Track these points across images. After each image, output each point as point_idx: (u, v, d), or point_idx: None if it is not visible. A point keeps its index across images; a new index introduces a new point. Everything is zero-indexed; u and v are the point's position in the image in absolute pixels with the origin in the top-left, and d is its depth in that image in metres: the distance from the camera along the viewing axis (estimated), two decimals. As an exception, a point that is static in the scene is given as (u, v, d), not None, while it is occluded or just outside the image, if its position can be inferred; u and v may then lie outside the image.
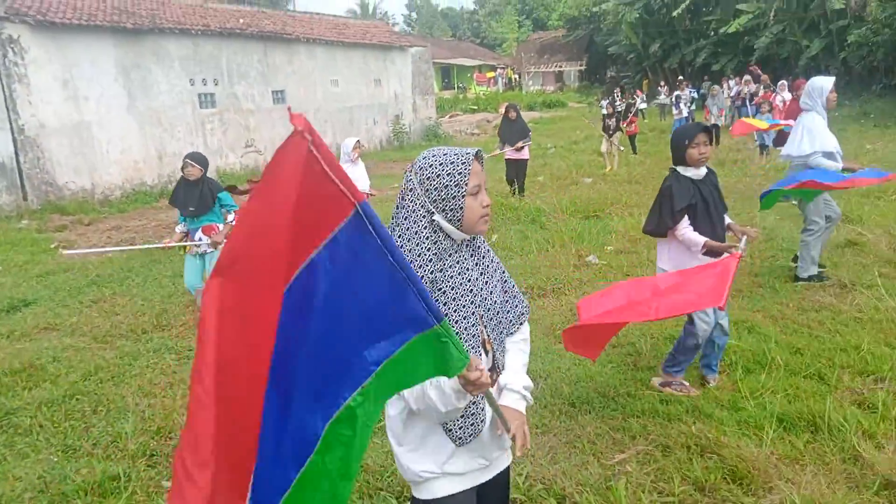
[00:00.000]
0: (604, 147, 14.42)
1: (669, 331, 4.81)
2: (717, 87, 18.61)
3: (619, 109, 15.45)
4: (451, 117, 34.19)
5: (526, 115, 33.54)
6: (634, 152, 15.97)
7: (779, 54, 28.34)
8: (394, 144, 25.18)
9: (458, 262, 1.80)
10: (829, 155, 5.51)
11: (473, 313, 1.80)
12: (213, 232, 5.91)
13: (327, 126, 22.42)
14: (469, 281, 1.81)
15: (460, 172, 1.74)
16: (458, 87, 48.46)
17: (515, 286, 2.03)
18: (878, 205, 8.26)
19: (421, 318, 1.42)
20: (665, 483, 3.01)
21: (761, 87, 19.92)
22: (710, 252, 3.61)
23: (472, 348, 1.79)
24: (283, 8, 33.73)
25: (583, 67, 49.14)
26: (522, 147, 10.68)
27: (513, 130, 10.76)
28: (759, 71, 22.61)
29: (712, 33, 31.77)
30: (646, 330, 4.98)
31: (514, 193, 10.86)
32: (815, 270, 5.78)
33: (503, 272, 1.99)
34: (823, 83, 5.63)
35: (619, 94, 29.26)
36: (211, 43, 18.05)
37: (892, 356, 4.05)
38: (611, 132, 14.05)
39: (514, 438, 1.80)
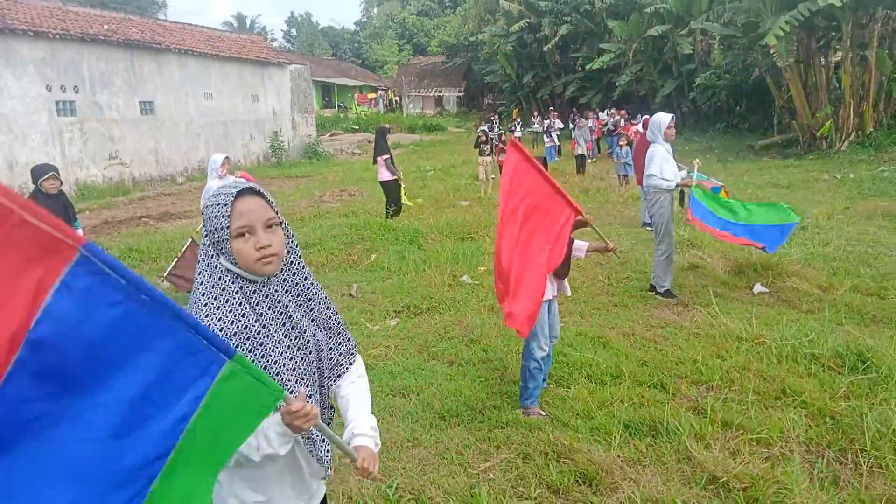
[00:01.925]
0: (480, 173, 14.99)
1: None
2: (582, 119, 19.89)
3: (493, 136, 16.12)
4: (331, 136, 34.03)
5: (406, 138, 34.01)
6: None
7: (637, 91, 30.76)
8: (272, 161, 24.70)
9: (265, 298, 1.70)
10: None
11: (290, 356, 1.73)
12: None
13: (200, 140, 21.63)
14: (280, 323, 1.72)
15: (221, 214, 1.61)
16: (339, 107, 48.32)
17: (342, 324, 1.93)
18: (717, 232, 9.21)
19: (209, 361, 1.28)
20: (524, 488, 3.25)
21: (621, 119, 21.61)
22: None
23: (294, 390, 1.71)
24: (152, 16, 32.21)
25: (461, 94, 50.69)
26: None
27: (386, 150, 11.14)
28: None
29: (579, 69, 33.95)
30: (513, 346, 5.28)
31: (392, 215, 11.08)
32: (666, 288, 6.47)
33: (328, 309, 1.88)
34: (662, 119, 6.40)
35: (497, 121, 30.53)
36: (71, 48, 16.97)
37: (721, 367, 4.57)
38: (485, 156, 14.67)
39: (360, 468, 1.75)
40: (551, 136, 22.17)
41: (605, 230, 9.64)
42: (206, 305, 1.62)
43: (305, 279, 1.82)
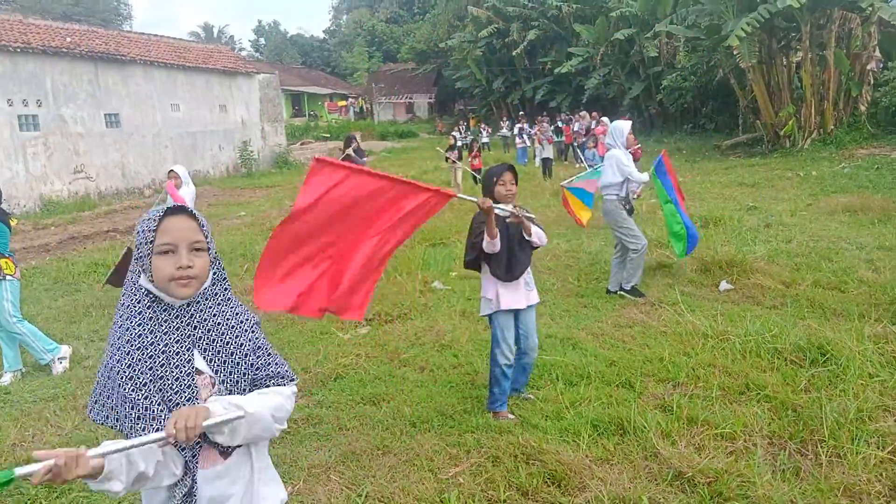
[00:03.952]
0: (452, 179, 15.05)
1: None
2: (545, 124, 20.15)
3: (465, 142, 16.22)
4: (302, 144, 33.86)
5: (378, 145, 33.89)
6: (476, 183, 16.64)
7: (606, 94, 31.11)
8: (241, 171, 24.49)
9: (175, 329, 1.69)
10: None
11: (189, 385, 1.67)
12: None
13: (168, 152, 21.38)
14: (187, 349, 1.69)
15: (147, 229, 1.65)
16: (310, 115, 48.13)
17: (271, 350, 1.84)
18: (685, 231, 9.35)
19: None
20: (493, 491, 3.26)
21: (592, 122, 21.85)
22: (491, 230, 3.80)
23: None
24: (116, 28, 31.80)
25: (432, 100, 50.80)
26: None
27: (361, 158, 11.26)
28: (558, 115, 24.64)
29: (549, 73, 34.27)
30: (484, 351, 5.30)
31: None
32: (633, 285, 6.55)
33: (253, 333, 1.81)
34: (623, 126, 6.59)
35: (465, 126, 30.67)
36: (32, 61, 16.68)
37: (687, 364, 4.64)
38: (453, 162, 14.74)
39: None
40: (523, 138, 22.36)
41: (575, 231, 9.73)
42: (120, 326, 1.66)
43: (221, 305, 1.79)
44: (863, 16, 17.05)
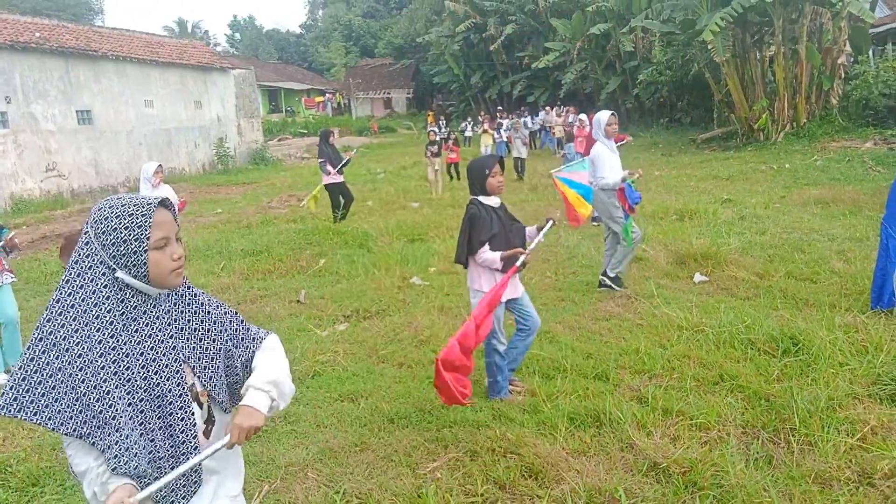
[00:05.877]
0: (430, 174, 15.00)
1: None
2: (519, 121, 20.17)
3: (441, 137, 16.18)
4: (279, 141, 33.62)
5: (356, 141, 33.75)
6: (458, 178, 16.59)
7: (583, 89, 31.28)
8: (218, 168, 24.24)
9: (156, 318, 1.69)
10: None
11: (178, 371, 1.70)
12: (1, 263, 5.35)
13: (142, 149, 21.08)
14: (171, 337, 1.71)
15: (140, 226, 1.60)
16: (287, 111, 47.74)
17: (247, 324, 1.95)
18: (661, 224, 9.45)
19: None
20: (471, 485, 3.27)
21: (570, 117, 21.91)
22: (507, 261, 4.04)
23: (182, 407, 1.69)
24: (88, 22, 31.24)
25: (410, 95, 50.66)
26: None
27: (336, 152, 11.21)
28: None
29: (526, 68, 34.34)
30: (461, 346, 5.31)
31: (339, 218, 11.07)
32: (618, 273, 6.53)
33: (228, 313, 1.91)
34: (601, 117, 6.50)
35: (445, 122, 30.72)
36: (1, 57, 16.32)
37: (663, 356, 4.69)
38: (432, 157, 14.71)
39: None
40: (500, 133, 22.39)
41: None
42: (84, 324, 1.59)
43: (190, 289, 1.84)
44: (833, 10, 17.30)
